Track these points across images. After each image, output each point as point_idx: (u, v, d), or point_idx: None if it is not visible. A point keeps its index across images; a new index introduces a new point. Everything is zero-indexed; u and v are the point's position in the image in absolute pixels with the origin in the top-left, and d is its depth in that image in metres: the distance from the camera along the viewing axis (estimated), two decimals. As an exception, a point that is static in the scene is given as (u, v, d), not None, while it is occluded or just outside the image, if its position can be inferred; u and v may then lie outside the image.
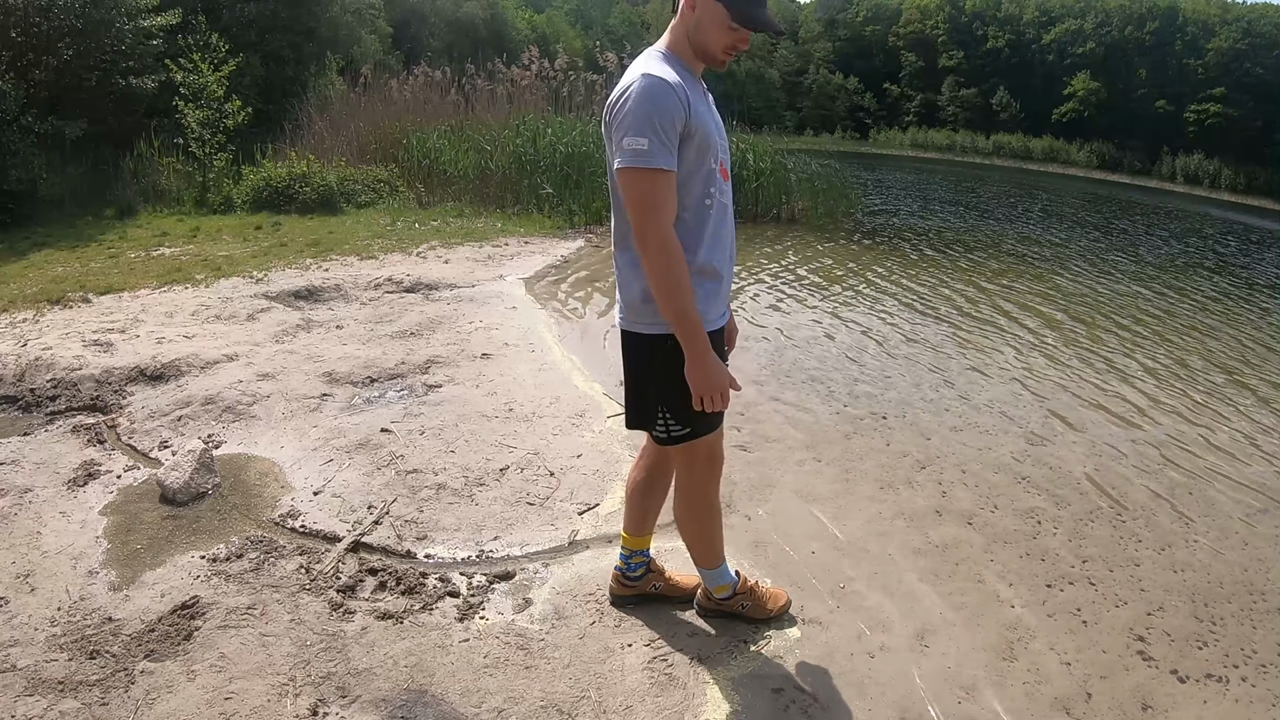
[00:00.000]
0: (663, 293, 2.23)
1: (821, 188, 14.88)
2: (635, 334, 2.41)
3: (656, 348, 2.36)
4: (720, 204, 2.40)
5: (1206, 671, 2.94)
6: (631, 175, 2.18)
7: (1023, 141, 63.99)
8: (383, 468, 3.85)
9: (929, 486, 4.19)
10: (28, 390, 4.49)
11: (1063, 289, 10.45)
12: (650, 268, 2.23)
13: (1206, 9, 62.72)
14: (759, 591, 2.91)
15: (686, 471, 2.60)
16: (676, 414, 2.41)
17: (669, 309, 2.24)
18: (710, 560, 2.77)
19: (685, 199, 2.29)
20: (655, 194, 2.19)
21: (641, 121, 2.15)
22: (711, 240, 2.37)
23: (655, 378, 2.40)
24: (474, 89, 15.78)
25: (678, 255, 2.22)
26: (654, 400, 2.44)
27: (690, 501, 2.64)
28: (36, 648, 2.52)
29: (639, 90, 2.17)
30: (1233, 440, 5.40)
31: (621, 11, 76.74)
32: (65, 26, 10.75)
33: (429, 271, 7.84)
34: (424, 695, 2.43)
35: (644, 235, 2.21)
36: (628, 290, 2.39)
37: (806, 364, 6.11)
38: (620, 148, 2.19)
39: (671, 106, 2.18)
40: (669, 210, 2.22)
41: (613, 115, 2.24)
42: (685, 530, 2.74)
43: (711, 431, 2.50)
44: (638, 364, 2.47)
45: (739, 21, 2.28)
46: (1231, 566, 3.72)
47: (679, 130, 2.21)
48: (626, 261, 2.38)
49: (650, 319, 2.35)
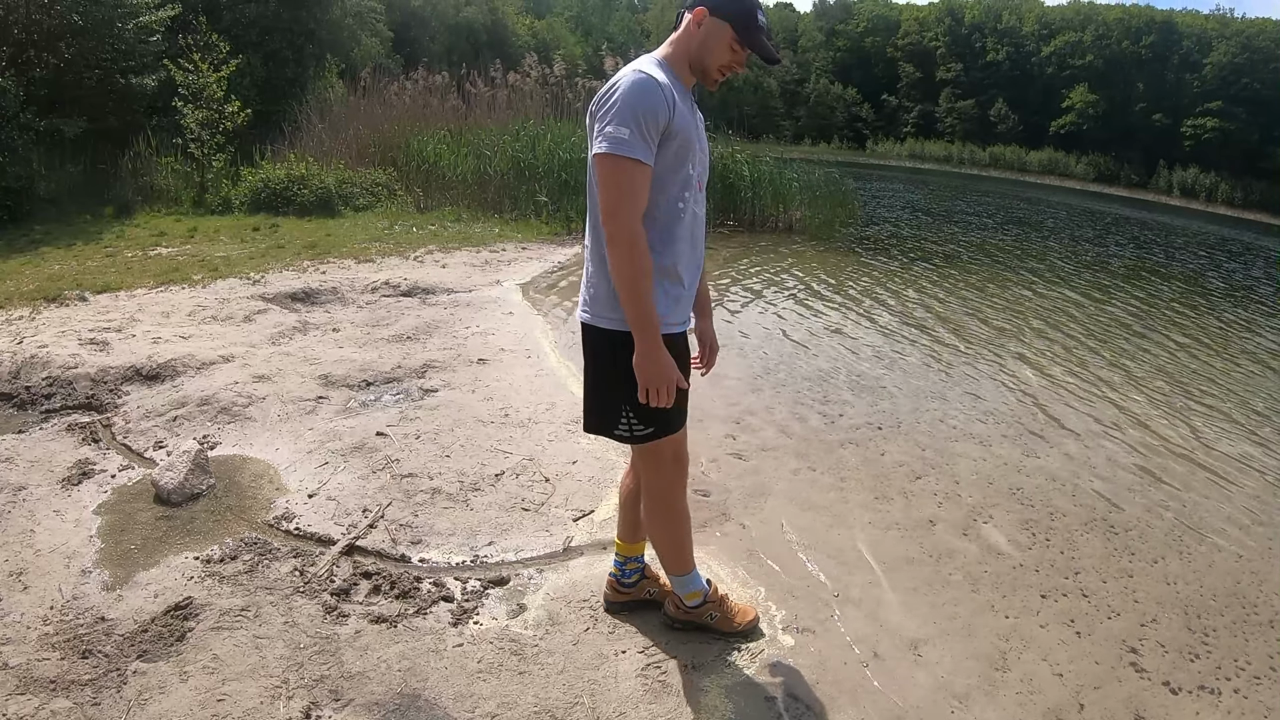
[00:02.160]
0: (622, 280, 2.24)
1: (821, 196, 14.89)
2: (598, 329, 2.40)
3: (619, 344, 2.35)
4: (692, 212, 2.42)
5: (1199, 683, 2.95)
6: (608, 161, 2.20)
7: (1020, 154, 64.22)
8: (378, 471, 3.84)
9: (923, 497, 4.20)
10: (23, 388, 4.48)
11: (1059, 303, 10.48)
12: (613, 255, 2.24)
13: (1204, 23, 63.13)
14: (729, 604, 2.88)
15: (653, 474, 2.58)
16: (639, 412, 2.40)
17: (627, 297, 2.24)
18: (680, 566, 2.74)
19: (658, 198, 2.31)
20: (629, 182, 2.20)
21: (625, 113, 2.18)
22: (679, 244, 2.39)
23: (618, 374, 2.39)
24: (474, 93, 15.79)
25: (641, 246, 2.23)
26: (616, 399, 2.43)
27: (658, 505, 2.62)
28: (29, 646, 2.51)
29: (627, 84, 2.21)
30: (1227, 453, 5.41)
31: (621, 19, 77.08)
32: (66, 24, 10.75)
33: (426, 276, 7.84)
34: (417, 700, 2.42)
35: (612, 221, 2.22)
36: (596, 284, 2.38)
37: (802, 373, 6.11)
38: (601, 134, 2.20)
39: (657, 104, 2.21)
40: (639, 202, 2.24)
41: (598, 105, 2.26)
42: (654, 535, 2.72)
43: (676, 431, 2.50)
44: (598, 359, 2.46)
45: (742, 44, 2.34)
46: (1224, 578, 3.73)
47: (661, 129, 2.24)
48: (598, 255, 2.38)
49: (614, 314, 2.35)
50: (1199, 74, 60.12)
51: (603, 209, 2.24)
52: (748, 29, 2.34)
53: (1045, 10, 71.01)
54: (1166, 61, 61.92)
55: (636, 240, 2.22)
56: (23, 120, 9.76)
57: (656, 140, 2.24)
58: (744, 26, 2.33)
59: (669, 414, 2.42)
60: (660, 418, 2.43)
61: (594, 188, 2.32)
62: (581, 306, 2.47)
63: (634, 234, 2.21)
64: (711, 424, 4.86)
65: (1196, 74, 60.25)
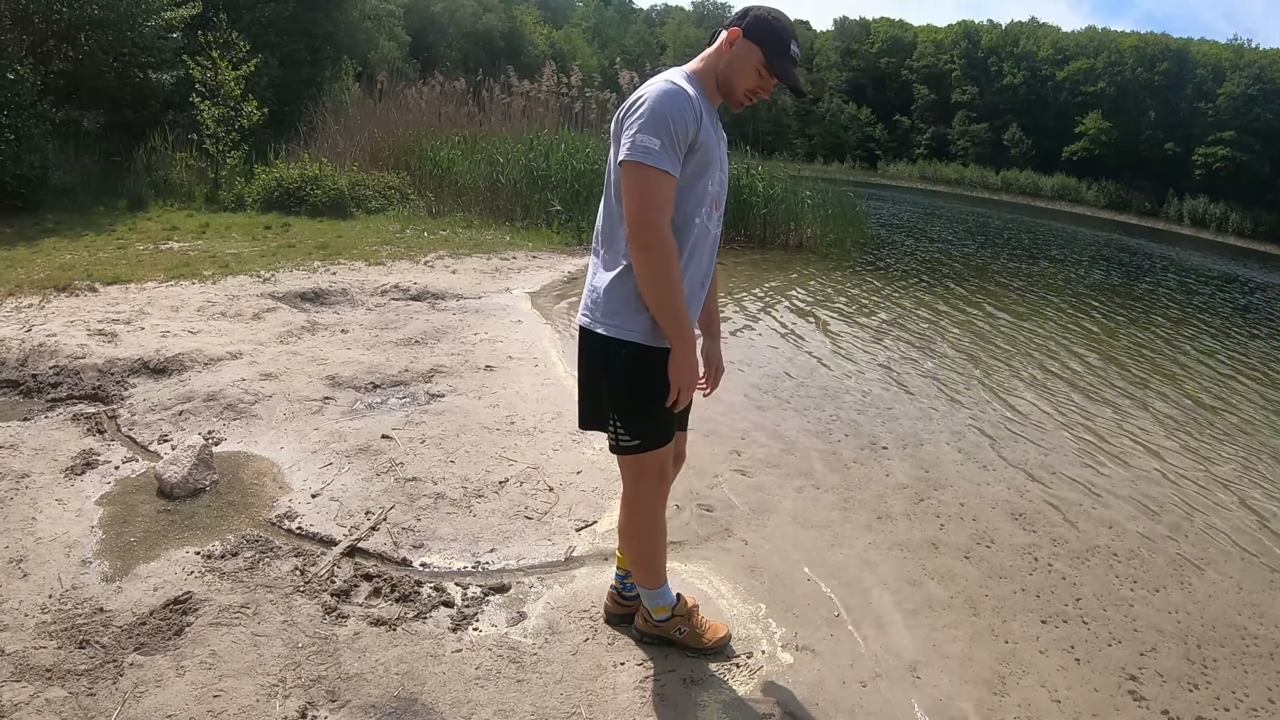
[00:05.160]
0: (657, 289, 2.25)
1: (833, 215, 14.91)
2: (597, 334, 2.40)
3: (614, 353, 2.36)
4: (704, 228, 2.42)
5: (1197, 714, 2.93)
6: (637, 170, 2.20)
7: (1033, 178, 64.30)
8: (382, 474, 3.84)
9: (926, 519, 4.18)
10: (30, 376, 4.50)
11: (1069, 328, 10.47)
12: (648, 264, 2.24)
13: (1219, 52, 63.18)
14: (697, 619, 2.82)
15: (634, 485, 2.57)
16: (626, 424, 2.41)
17: (661, 304, 2.26)
18: (651, 580, 2.71)
19: (674, 210, 2.31)
20: (658, 192, 2.21)
21: (656, 123, 2.19)
22: (688, 258, 2.39)
23: (610, 383, 2.40)
24: (489, 100, 15.85)
25: (674, 254, 2.25)
26: (606, 406, 2.44)
27: (636, 517, 2.61)
28: (26, 634, 2.51)
29: (658, 93, 2.22)
30: (1229, 484, 5.38)
31: (637, 32, 77.39)
32: (87, 17, 10.81)
33: (436, 280, 7.86)
34: (414, 704, 2.41)
35: (643, 231, 2.22)
36: (607, 291, 2.38)
37: (809, 391, 6.11)
38: (631, 142, 2.20)
39: (686, 116, 2.23)
40: (667, 211, 2.25)
41: (626, 113, 2.27)
42: (628, 547, 2.70)
43: (662, 446, 2.49)
44: (592, 365, 2.47)
45: (769, 70, 2.36)
46: (1225, 609, 3.71)
47: (688, 141, 2.25)
48: (611, 262, 2.38)
49: (618, 322, 2.35)
50: (1212, 103, 60.22)
51: (633, 218, 2.23)
52: (777, 55, 2.35)
53: (1060, 36, 71.21)
54: (1180, 90, 62.06)
55: (669, 249, 2.23)
56: (39, 110, 9.82)
57: (683, 152, 2.25)
58: (774, 53, 2.34)
59: (657, 428, 2.43)
60: (649, 431, 2.43)
61: (614, 193, 2.33)
62: (583, 311, 2.47)
63: (666, 242, 2.22)
64: (716, 440, 4.86)
65: (1210, 103, 60.35)
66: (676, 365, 2.31)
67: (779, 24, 2.36)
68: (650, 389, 2.37)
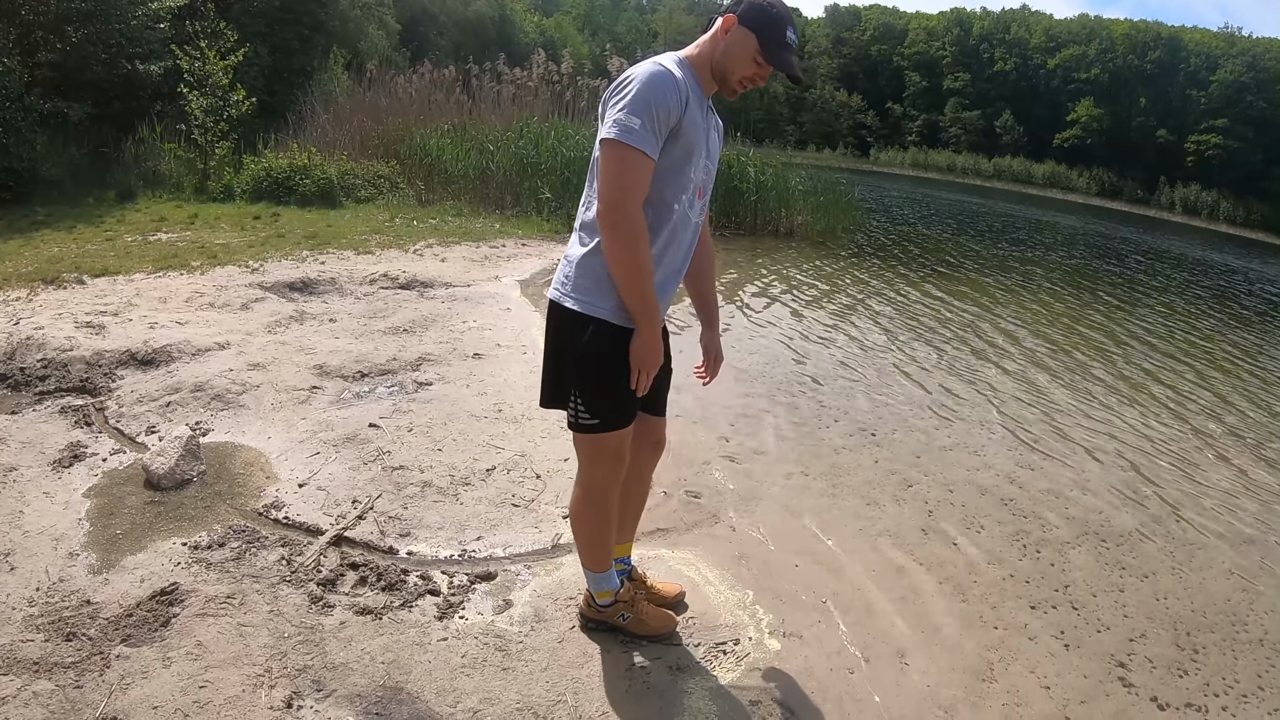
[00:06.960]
0: (624, 269, 2.25)
1: (824, 202, 14.89)
2: (566, 308, 2.38)
3: (580, 328, 2.35)
4: (684, 215, 2.40)
5: (1186, 700, 2.94)
6: (616, 148, 2.19)
7: (1024, 165, 64.32)
8: (369, 463, 3.83)
9: (915, 505, 4.19)
10: (17, 369, 4.47)
11: (1060, 314, 10.49)
12: (614, 244, 2.23)
13: (1211, 40, 63.15)
14: (641, 605, 2.80)
15: (590, 466, 2.54)
16: (587, 402, 2.40)
17: (627, 285, 2.26)
18: (598, 563, 2.69)
19: (651, 193, 2.29)
20: (633, 173, 2.20)
21: (640, 103, 2.18)
22: (664, 243, 2.38)
23: (574, 358, 2.39)
24: (479, 89, 15.77)
25: (644, 237, 2.24)
26: (568, 382, 2.43)
27: (588, 498, 2.58)
28: (13, 627, 2.50)
29: (646, 74, 2.21)
30: (1220, 470, 5.41)
31: (629, 19, 77.05)
32: (75, 8, 10.72)
33: (425, 269, 7.83)
34: (400, 692, 2.41)
35: (612, 211, 2.21)
36: (579, 265, 2.37)
37: (797, 378, 6.11)
38: (614, 120, 2.19)
39: (670, 100, 2.21)
40: (640, 193, 2.23)
41: (612, 93, 2.26)
42: (578, 528, 2.68)
43: (622, 428, 2.46)
44: (559, 338, 2.45)
45: (766, 57, 2.32)
46: (1215, 596, 3.72)
47: (670, 125, 2.24)
48: (589, 238, 2.37)
49: (589, 299, 2.34)
50: (1205, 91, 60.24)
51: (604, 198, 2.22)
52: (773, 43, 2.31)
53: (1053, 23, 71.13)
54: (1172, 78, 62.07)
55: (638, 231, 2.21)
56: (27, 102, 9.74)
57: (664, 135, 2.23)
58: (770, 40, 2.30)
59: (617, 408, 2.41)
60: (608, 410, 2.41)
61: (596, 171, 2.31)
62: (555, 284, 2.46)
63: (635, 223, 2.21)
64: (705, 427, 4.85)
65: (1202, 91, 60.37)
66: (639, 347, 2.31)
67: (775, 11, 2.32)
68: (614, 368, 2.35)
